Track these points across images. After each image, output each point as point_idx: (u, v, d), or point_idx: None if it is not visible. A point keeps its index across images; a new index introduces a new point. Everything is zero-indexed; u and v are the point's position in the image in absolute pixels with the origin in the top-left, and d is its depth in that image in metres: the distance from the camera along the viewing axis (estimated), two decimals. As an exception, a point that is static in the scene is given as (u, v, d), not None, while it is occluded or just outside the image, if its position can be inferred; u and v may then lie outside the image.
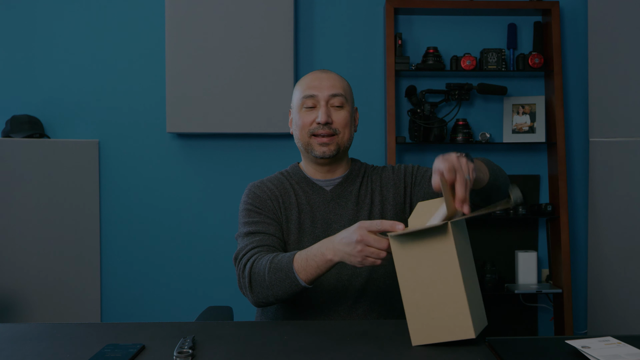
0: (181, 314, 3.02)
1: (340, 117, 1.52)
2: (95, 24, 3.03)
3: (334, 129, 1.50)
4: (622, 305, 2.73)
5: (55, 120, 3.02)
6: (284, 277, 1.30)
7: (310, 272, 1.28)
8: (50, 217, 2.91)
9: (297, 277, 1.29)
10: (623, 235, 2.73)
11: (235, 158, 3.05)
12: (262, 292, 1.35)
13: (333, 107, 1.51)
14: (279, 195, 1.53)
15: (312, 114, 1.51)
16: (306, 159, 1.58)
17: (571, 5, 3.08)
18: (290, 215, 1.52)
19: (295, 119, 1.56)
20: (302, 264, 1.29)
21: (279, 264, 1.32)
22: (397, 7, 2.93)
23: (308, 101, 1.51)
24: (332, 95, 1.51)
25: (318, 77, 1.54)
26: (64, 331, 1.23)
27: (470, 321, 1.07)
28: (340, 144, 1.52)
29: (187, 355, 1.04)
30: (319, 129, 1.50)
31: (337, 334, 1.20)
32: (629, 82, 2.75)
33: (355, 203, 1.55)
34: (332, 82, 1.53)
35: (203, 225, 3.05)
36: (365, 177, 1.59)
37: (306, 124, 1.52)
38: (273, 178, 1.59)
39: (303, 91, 1.53)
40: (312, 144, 1.51)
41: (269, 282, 1.32)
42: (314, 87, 1.52)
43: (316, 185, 1.56)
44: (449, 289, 1.09)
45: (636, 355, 1.04)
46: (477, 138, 2.99)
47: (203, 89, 2.89)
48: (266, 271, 1.32)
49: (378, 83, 3.05)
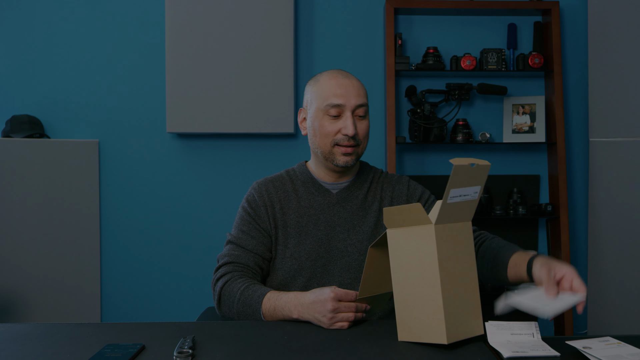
0: (181, 314, 3.02)
1: (363, 127, 1.50)
2: (95, 24, 3.03)
3: (358, 140, 1.49)
4: (622, 305, 2.73)
5: (55, 120, 3.02)
6: (250, 312, 1.37)
7: (274, 318, 1.34)
8: (50, 217, 2.91)
9: (262, 317, 1.35)
10: (623, 235, 2.73)
11: (235, 158, 3.05)
12: (229, 312, 1.43)
13: (357, 117, 1.49)
14: (277, 200, 1.54)
15: (337, 123, 1.48)
16: (319, 162, 1.56)
17: (571, 5, 3.08)
18: (288, 219, 1.53)
19: (314, 124, 1.51)
20: (270, 311, 1.34)
21: (248, 300, 1.37)
22: (397, 7, 2.93)
23: (333, 110, 1.47)
24: (358, 106, 1.49)
25: (344, 85, 1.49)
26: (64, 331, 1.23)
27: (444, 327, 1.07)
28: (359, 153, 1.52)
29: (187, 355, 1.04)
30: (345, 140, 1.47)
31: (337, 334, 1.20)
32: (629, 82, 2.75)
33: (360, 208, 1.55)
34: (357, 90, 1.50)
35: (203, 225, 3.05)
36: (373, 183, 1.59)
37: (330, 134, 1.48)
38: (277, 178, 1.59)
39: (327, 98, 1.48)
40: (334, 153, 1.49)
41: (237, 311, 1.40)
42: (341, 95, 1.47)
43: (322, 187, 1.55)
44: (428, 291, 1.09)
45: (637, 355, 1.05)
46: (477, 138, 2.99)
47: (203, 89, 2.89)
48: (236, 301, 1.39)
49: (378, 83, 3.05)
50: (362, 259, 1.49)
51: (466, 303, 1.13)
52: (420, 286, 1.10)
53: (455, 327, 1.09)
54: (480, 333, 1.15)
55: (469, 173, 1.09)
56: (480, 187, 1.15)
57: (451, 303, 1.09)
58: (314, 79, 1.56)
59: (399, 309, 1.15)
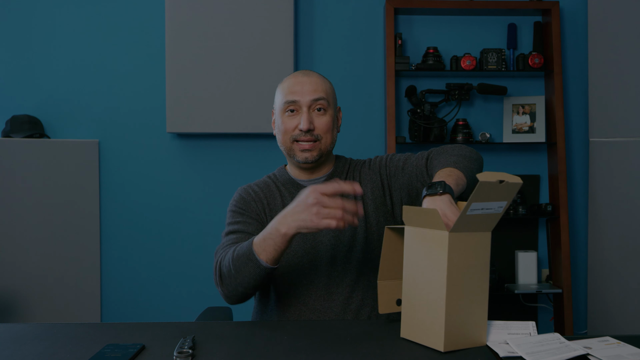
0: (181, 314, 3.02)
1: (322, 122, 1.51)
2: (95, 24, 3.03)
3: (316, 135, 1.50)
4: (622, 305, 2.73)
5: (55, 120, 3.02)
6: (246, 260, 1.31)
7: (269, 251, 1.29)
8: (50, 217, 2.91)
9: (258, 259, 1.30)
10: (623, 235, 2.73)
11: (235, 158, 3.05)
12: (231, 282, 1.36)
13: (315, 112, 1.51)
14: (264, 197, 1.55)
15: (294, 120, 1.50)
16: (290, 161, 1.59)
17: (571, 5, 3.08)
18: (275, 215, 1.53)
19: (277, 122, 1.55)
20: (261, 245, 1.29)
21: (240, 250, 1.33)
22: (397, 7, 2.93)
23: (290, 106, 1.50)
24: (314, 100, 1.50)
25: (300, 82, 1.52)
26: (64, 331, 1.23)
27: (443, 335, 1.06)
28: (322, 149, 1.52)
29: (187, 355, 1.04)
30: (301, 135, 1.49)
31: (337, 334, 1.20)
32: (629, 82, 2.75)
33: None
34: (314, 86, 1.51)
35: (203, 225, 3.05)
36: (348, 175, 1.60)
37: (288, 130, 1.51)
38: (260, 182, 1.62)
39: (285, 95, 1.52)
40: (294, 150, 1.51)
41: (235, 269, 1.33)
42: (296, 92, 1.50)
43: (301, 186, 1.56)
44: (433, 296, 1.08)
45: (637, 355, 1.04)
46: (477, 138, 2.99)
47: (203, 89, 2.89)
48: (230, 259, 1.34)
49: (378, 83, 3.05)
50: (347, 251, 1.49)
51: (471, 314, 1.10)
52: (427, 289, 1.09)
53: (455, 337, 1.08)
54: (482, 344, 1.12)
55: (496, 189, 1.05)
56: (507, 202, 1.10)
57: (455, 312, 1.07)
58: (281, 81, 1.58)
59: (405, 305, 1.14)
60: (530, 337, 1.12)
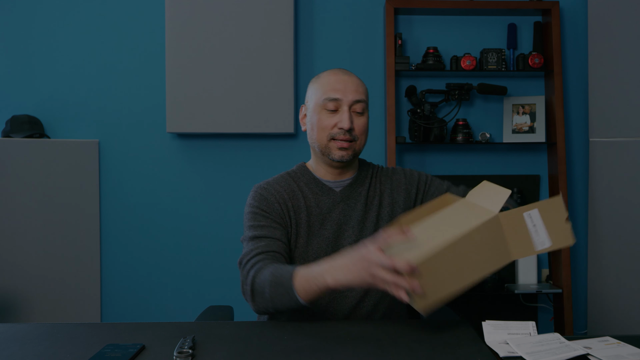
0: (181, 314, 3.02)
1: (360, 123, 1.51)
2: (95, 24, 3.03)
3: (354, 135, 1.50)
4: (622, 305, 2.73)
5: (55, 120, 3.02)
6: (284, 293, 1.27)
7: (310, 293, 1.25)
8: (50, 217, 2.91)
9: (297, 297, 1.26)
10: (623, 235, 2.73)
11: (235, 158, 3.05)
12: (263, 303, 1.33)
13: (354, 113, 1.50)
14: (288, 198, 1.51)
15: (333, 118, 1.49)
16: (318, 159, 1.56)
17: (571, 5, 3.08)
18: (299, 218, 1.50)
19: (312, 119, 1.53)
20: (303, 286, 1.25)
21: (279, 279, 1.28)
22: (397, 7, 2.93)
23: (330, 104, 1.49)
24: (356, 101, 1.50)
25: (342, 80, 1.51)
26: (64, 331, 1.23)
27: (424, 257, 1.11)
28: (357, 150, 1.52)
29: (187, 355, 1.04)
30: (341, 134, 1.48)
31: (337, 334, 1.20)
32: (629, 82, 2.75)
33: (364, 204, 1.55)
34: (356, 86, 1.51)
35: (203, 225, 3.05)
36: (373, 179, 1.59)
37: (327, 127, 1.49)
38: (280, 179, 1.56)
39: (326, 92, 1.50)
40: (330, 148, 1.50)
41: (270, 295, 1.30)
42: (338, 90, 1.49)
43: (325, 187, 1.55)
44: (450, 230, 1.17)
45: (637, 355, 1.04)
46: (477, 138, 2.99)
47: (203, 89, 2.89)
48: (267, 284, 1.30)
49: (378, 83, 3.05)
50: None
51: (450, 278, 1.14)
52: (450, 221, 1.22)
53: (430, 271, 1.12)
54: (438, 306, 1.15)
55: None
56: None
57: (445, 257, 1.13)
58: (316, 77, 1.57)
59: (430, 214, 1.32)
60: (530, 337, 1.12)
